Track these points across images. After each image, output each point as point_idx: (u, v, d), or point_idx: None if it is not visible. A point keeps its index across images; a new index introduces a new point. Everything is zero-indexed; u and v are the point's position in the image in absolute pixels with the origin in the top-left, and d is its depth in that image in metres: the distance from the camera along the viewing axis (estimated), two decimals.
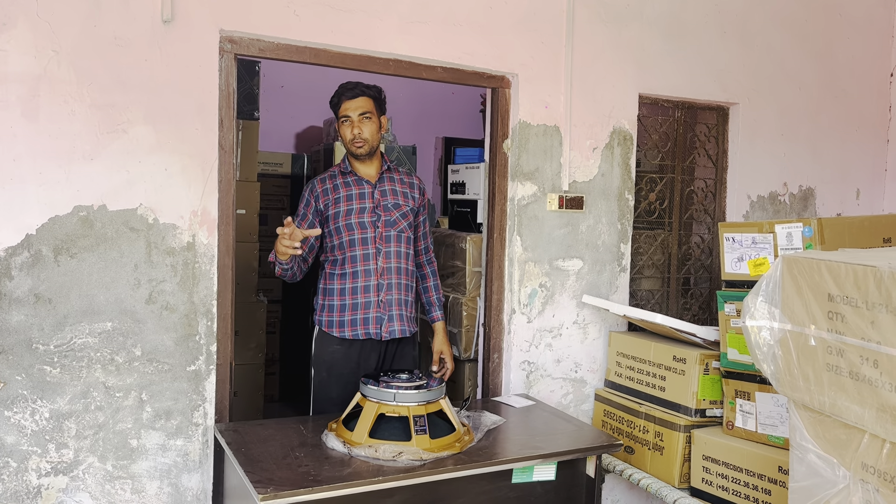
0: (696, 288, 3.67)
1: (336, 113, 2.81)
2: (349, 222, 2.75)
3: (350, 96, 2.76)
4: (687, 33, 3.42)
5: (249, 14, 2.54)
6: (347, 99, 2.76)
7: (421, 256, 2.98)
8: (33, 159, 2.28)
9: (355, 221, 2.75)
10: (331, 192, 2.78)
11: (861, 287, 1.55)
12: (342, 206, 2.76)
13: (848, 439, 1.62)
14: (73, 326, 2.35)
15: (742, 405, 2.67)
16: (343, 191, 2.78)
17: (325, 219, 2.78)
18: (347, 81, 2.83)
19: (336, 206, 2.76)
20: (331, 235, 2.77)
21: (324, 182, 2.81)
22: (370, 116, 2.77)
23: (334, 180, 2.81)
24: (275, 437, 2.38)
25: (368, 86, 2.81)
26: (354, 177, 2.82)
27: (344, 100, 2.77)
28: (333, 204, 2.76)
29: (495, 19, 2.98)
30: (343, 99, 2.77)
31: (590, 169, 3.21)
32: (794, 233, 2.56)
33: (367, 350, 2.77)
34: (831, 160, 3.90)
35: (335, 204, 2.76)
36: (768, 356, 1.78)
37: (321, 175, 2.86)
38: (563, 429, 2.64)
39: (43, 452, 2.34)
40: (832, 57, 3.87)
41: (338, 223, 2.75)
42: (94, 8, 2.34)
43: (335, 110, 2.81)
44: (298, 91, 5.28)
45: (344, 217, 2.75)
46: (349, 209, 2.76)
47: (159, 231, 2.45)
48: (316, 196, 2.78)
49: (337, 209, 2.76)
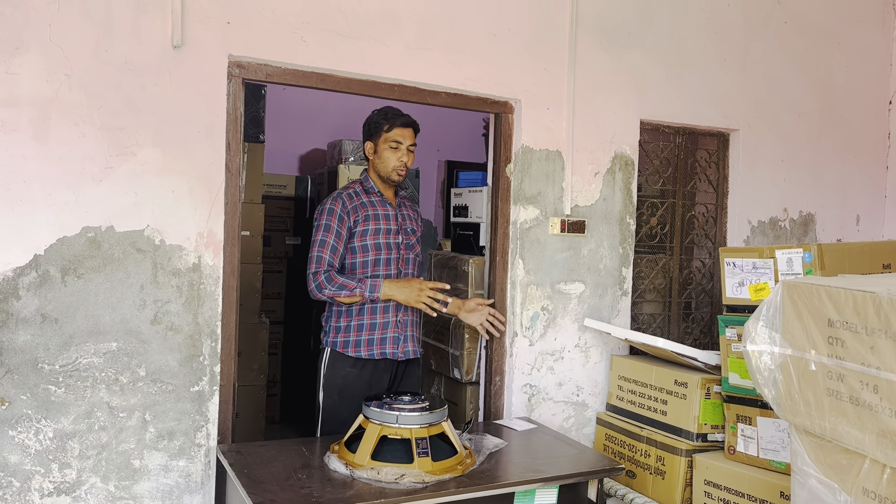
0: (698, 312, 3.69)
1: (378, 132, 2.77)
2: (377, 241, 2.73)
3: (403, 123, 2.76)
4: (688, 61, 3.47)
5: (257, 40, 2.59)
6: (401, 126, 2.75)
7: None
8: (43, 181, 2.32)
9: (382, 241, 2.74)
10: (360, 210, 2.74)
11: (861, 312, 1.57)
12: (371, 225, 2.73)
13: (849, 464, 1.63)
14: (78, 346, 2.37)
15: (744, 430, 2.67)
16: (371, 209, 2.76)
17: (349, 235, 2.73)
18: (389, 107, 2.81)
19: (365, 223, 2.73)
20: (354, 252, 2.73)
21: (352, 198, 2.75)
22: (413, 149, 2.79)
23: (360, 198, 2.77)
24: (277, 459, 2.38)
25: (414, 120, 2.81)
26: (379, 197, 2.81)
27: (398, 125, 2.75)
28: (363, 221, 2.72)
29: (499, 46, 3.02)
30: (397, 124, 2.75)
31: (591, 193, 3.24)
32: (795, 258, 2.58)
33: (380, 371, 2.78)
34: (831, 186, 3.93)
35: (364, 221, 2.73)
36: (769, 381, 1.79)
37: (346, 190, 2.79)
38: (564, 452, 2.64)
39: (46, 472, 2.35)
40: (831, 85, 3.92)
41: (365, 241, 2.72)
42: (105, 33, 2.38)
43: (377, 131, 2.78)
44: (303, 114, 5.33)
45: (372, 236, 2.73)
46: (377, 228, 2.74)
47: (165, 252, 2.48)
48: (348, 212, 2.71)
49: (365, 227, 2.72)
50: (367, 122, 2.84)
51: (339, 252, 2.68)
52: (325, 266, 2.66)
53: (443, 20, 2.91)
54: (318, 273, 2.65)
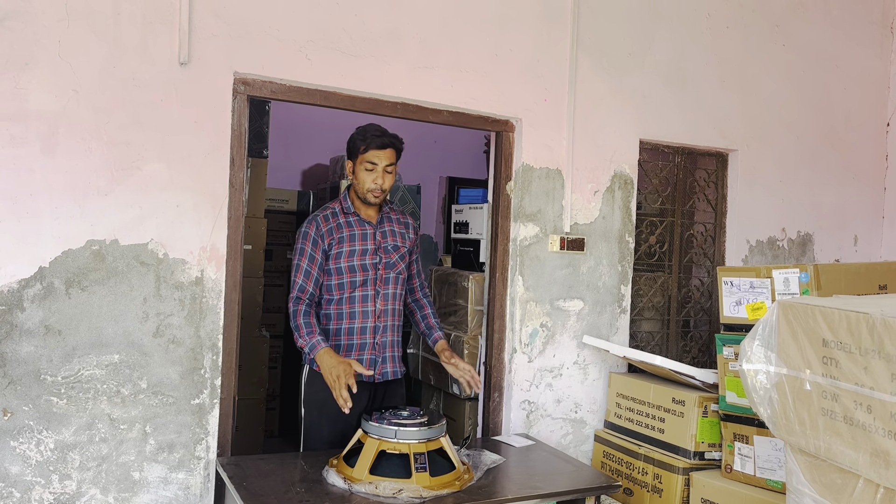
0: (696, 330, 3.70)
1: (355, 153, 2.71)
2: (351, 264, 2.71)
3: (379, 145, 2.67)
4: (687, 81, 3.51)
5: (263, 57, 2.63)
6: (376, 147, 2.67)
7: (417, 292, 2.96)
8: (49, 194, 2.35)
9: (357, 263, 2.71)
10: (335, 232, 2.72)
11: (854, 333, 1.59)
12: (345, 247, 2.71)
13: (843, 484, 1.64)
14: (81, 358, 2.39)
15: (740, 448, 2.68)
16: (346, 230, 2.73)
17: (325, 258, 2.71)
18: (371, 125, 2.73)
19: (339, 245, 2.71)
20: (329, 274, 2.71)
21: (327, 220, 2.74)
22: (391, 170, 2.71)
23: (336, 219, 2.75)
24: (276, 472, 2.39)
25: (395, 137, 2.73)
26: (356, 217, 2.77)
27: (372, 147, 2.67)
28: (337, 244, 2.71)
29: (500, 66, 3.07)
30: (371, 146, 2.67)
31: (591, 211, 3.27)
32: (791, 278, 2.60)
33: (359, 390, 2.67)
34: (829, 207, 3.96)
35: (339, 244, 2.71)
36: (765, 400, 1.81)
37: (321, 212, 2.76)
38: (562, 469, 2.65)
39: (46, 483, 2.36)
40: (829, 106, 3.96)
41: (339, 264, 2.70)
42: (113, 50, 2.42)
43: (354, 151, 2.71)
44: (306, 129, 5.37)
45: (346, 258, 2.70)
46: (352, 250, 2.71)
47: (169, 266, 2.50)
48: (321, 235, 2.71)
49: (340, 249, 2.71)
50: (349, 141, 2.75)
51: (313, 276, 2.68)
52: (303, 294, 2.66)
53: (445, 40, 2.95)
54: (297, 300, 2.66)
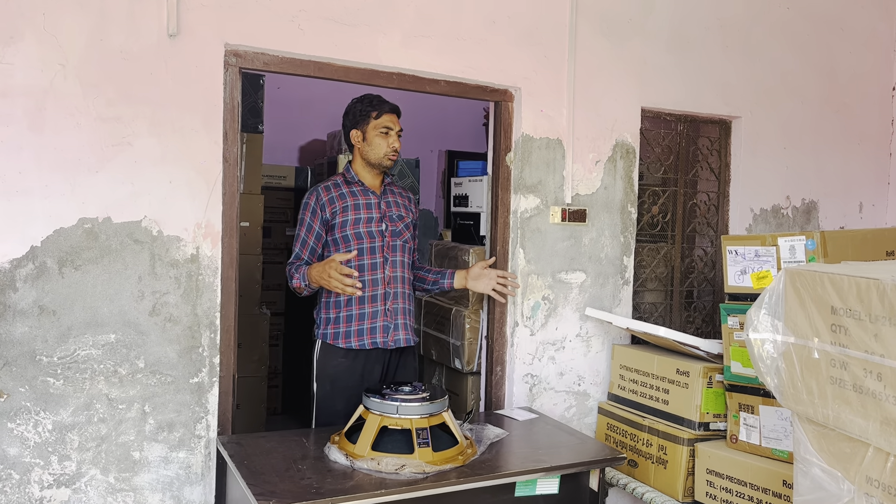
0: (700, 301, 3.67)
1: (366, 119, 2.78)
2: (358, 231, 2.74)
3: (390, 109, 2.79)
4: (689, 47, 3.44)
5: (254, 28, 2.56)
6: (390, 112, 2.79)
7: (416, 265, 3.00)
8: (39, 172, 2.30)
9: (364, 230, 2.74)
10: (337, 201, 2.75)
11: (864, 300, 1.55)
12: (350, 215, 2.74)
13: (852, 452, 1.61)
14: (76, 338, 2.36)
15: (746, 418, 2.66)
16: (350, 200, 2.77)
17: (330, 228, 2.75)
18: (375, 95, 2.83)
19: (344, 214, 2.74)
20: (336, 244, 2.75)
21: (329, 191, 2.77)
22: (401, 135, 2.83)
23: (339, 189, 2.79)
24: (277, 450, 2.38)
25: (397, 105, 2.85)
26: (360, 186, 2.81)
27: (386, 111, 2.78)
28: (341, 212, 2.74)
29: (498, 34, 3.00)
30: (385, 110, 2.78)
31: (592, 182, 3.22)
32: (797, 246, 2.56)
33: (372, 361, 2.76)
34: (834, 173, 3.91)
35: (343, 212, 2.74)
36: (772, 369, 1.78)
37: (323, 183, 2.81)
38: (566, 442, 2.63)
39: (45, 464, 2.34)
40: (834, 71, 3.88)
41: (345, 231, 2.73)
42: (100, 22, 2.36)
43: (365, 118, 2.78)
44: (303, 104, 5.31)
45: (352, 226, 2.73)
46: (357, 218, 2.75)
47: (163, 243, 2.46)
48: (322, 205, 2.74)
49: (345, 217, 2.74)
50: (349, 111, 2.83)
51: (309, 245, 2.76)
52: (297, 262, 2.75)
53: (441, 7, 2.88)
54: (290, 265, 2.76)
